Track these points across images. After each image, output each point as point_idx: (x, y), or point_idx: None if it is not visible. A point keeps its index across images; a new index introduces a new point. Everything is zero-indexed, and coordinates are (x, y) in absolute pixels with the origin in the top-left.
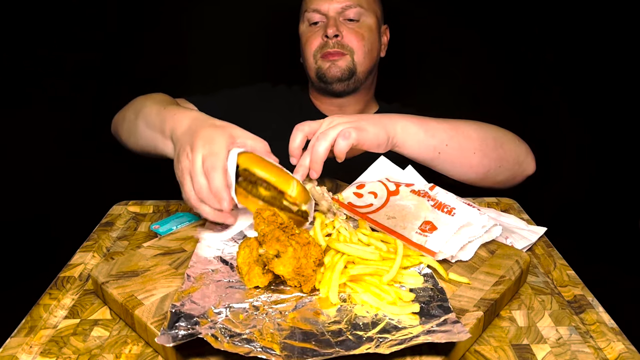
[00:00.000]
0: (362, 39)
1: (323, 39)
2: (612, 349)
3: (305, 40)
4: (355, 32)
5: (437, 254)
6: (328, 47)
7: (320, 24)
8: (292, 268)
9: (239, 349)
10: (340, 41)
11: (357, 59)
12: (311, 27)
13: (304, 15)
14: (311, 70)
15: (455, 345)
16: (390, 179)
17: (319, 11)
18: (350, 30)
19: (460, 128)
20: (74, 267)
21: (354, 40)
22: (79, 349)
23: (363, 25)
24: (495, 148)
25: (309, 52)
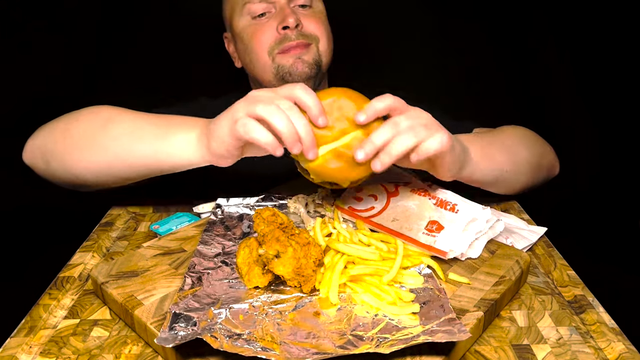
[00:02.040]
0: (321, 24)
1: (279, 32)
2: (613, 349)
3: (249, 36)
4: (312, 18)
5: (448, 253)
6: (288, 39)
7: (268, 15)
8: (292, 268)
9: (239, 349)
10: (301, 30)
11: (322, 47)
12: (256, 21)
13: (244, 9)
14: (267, 71)
15: (456, 345)
16: (387, 179)
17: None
18: (306, 16)
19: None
20: (74, 267)
21: (315, 26)
22: (79, 349)
23: (316, 11)
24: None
25: (260, 50)
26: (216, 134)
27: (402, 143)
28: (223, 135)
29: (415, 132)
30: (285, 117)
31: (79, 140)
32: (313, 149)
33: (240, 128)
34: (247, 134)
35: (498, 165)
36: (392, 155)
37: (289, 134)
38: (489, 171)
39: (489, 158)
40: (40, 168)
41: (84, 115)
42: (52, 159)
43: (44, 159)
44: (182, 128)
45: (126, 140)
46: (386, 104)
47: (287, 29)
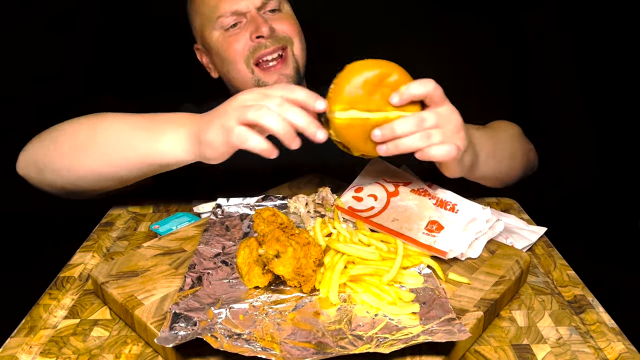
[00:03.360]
0: (293, 25)
1: (253, 41)
2: (612, 349)
3: (224, 47)
4: (285, 20)
5: (448, 253)
6: (263, 47)
7: (240, 25)
8: (292, 268)
9: (239, 349)
10: (275, 35)
11: (297, 50)
12: (228, 33)
13: (216, 22)
14: (246, 82)
15: (455, 345)
16: (387, 180)
17: (238, 12)
18: (277, 20)
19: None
20: (74, 267)
21: (287, 27)
22: (79, 349)
23: (285, 13)
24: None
25: (235, 61)
26: (208, 140)
27: (412, 141)
28: (216, 144)
29: (430, 136)
30: (277, 116)
31: (70, 148)
32: (319, 130)
33: (235, 138)
34: (243, 143)
35: (500, 165)
36: (399, 148)
37: (285, 132)
38: (491, 170)
39: (493, 158)
40: (34, 179)
41: (72, 123)
42: (45, 169)
43: (37, 169)
44: (170, 127)
45: (115, 143)
46: (424, 90)
47: (261, 38)
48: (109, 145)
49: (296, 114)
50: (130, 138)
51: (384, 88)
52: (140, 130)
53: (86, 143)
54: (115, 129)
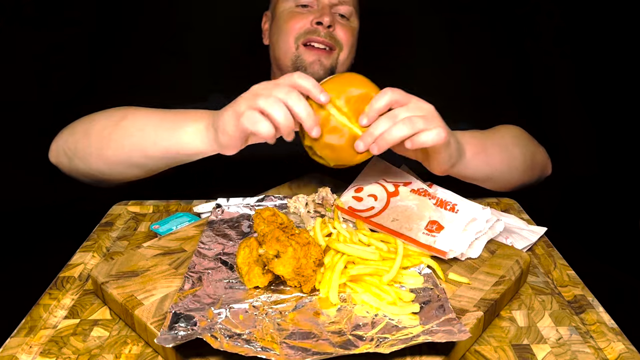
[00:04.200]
0: (351, 35)
1: (312, 25)
2: (612, 349)
3: (286, 18)
4: (347, 28)
5: (448, 253)
6: (317, 34)
7: (310, 8)
8: (292, 268)
9: (239, 349)
10: (332, 32)
11: (342, 56)
12: (298, 9)
13: None
14: (287, 55)
15: (455, 345)
16: (387, 180)
17: None
18: (341, 24)
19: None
20: (74, 267)
21: (345, 35)
22: (79, 349)
23: (351, 24)
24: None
25: (288, 33)
26: (222, 127)
27: (398, 132)
28: (229, 129)
29: (412, 123)
30: (283, 108)
31: (98, 138)
32: (316, 127)
33: (245, 121)
34: (252, 126)
35: (491, 164)
36: (388, 141)
37: (285, 124)
38: (481, 168)
39: (483, 156)
40: (65, 166)
41: (101, 115)
42: (74, 158)
43: (68, 157)
44: (191, 121)
45: (140, 135)
46: (386, 101)
47: (320, 25)
48: (135, 136)
49: (299, 104)
50: (155, 130)
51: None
52: (164, 122)
53: (114, 133)
54: (141, 122)
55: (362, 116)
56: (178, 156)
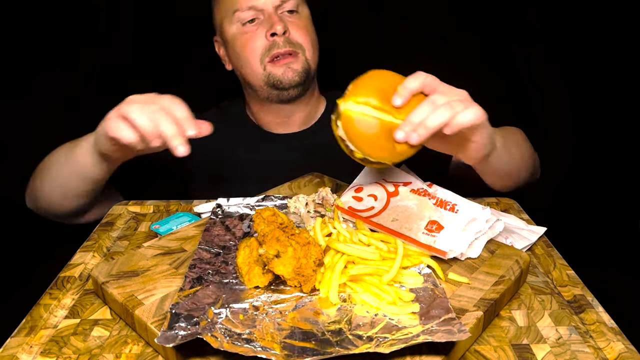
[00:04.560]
0: (307, 33)
1: (268, 39)
2: (612, 349)
3: (242, 44)
4: (299, 26)
5: (448, 253)
6: (277, 47)
7: (257, 21)
8: (292, 268)
9: (239, 349)
10: (289, 38)
11: (309, 55)
12: (245, 28)
13: (233, 16)
14: (257, 77)
15: (455, 344)
16: (387, 180)
17: (255, 7)
18: (293, 24)
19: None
20: (74, 267)
21: (300, 35)
22: (79, 348)
23: (303, 17)
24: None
25: (252, 57)
26: (97, 134)
27: (438, 117)
28: (101, 136)
29: (451, 106)
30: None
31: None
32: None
33: (108, 126)
34: (111, 131)
35: (512, 159)
36: (429, 127)
37: (148, 129)
38: (506, 162)
39: (508, 150)
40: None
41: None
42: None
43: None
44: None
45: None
46: (419, 82)
47: (275, 36)
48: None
49: (166, 122)
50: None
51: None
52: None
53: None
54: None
55: (395, 96)
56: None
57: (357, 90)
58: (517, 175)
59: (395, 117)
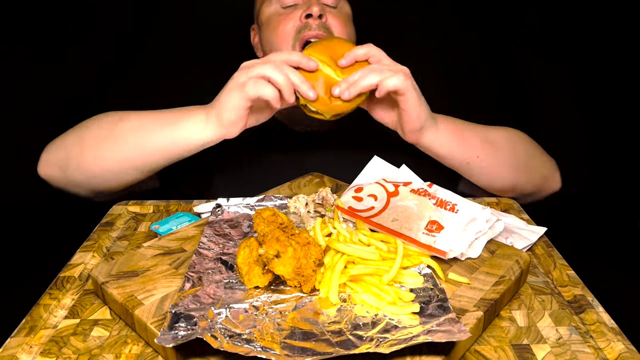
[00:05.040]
0: (345, 25)
1: (301, 21)
2: (612, 349)
3: (275, 25)
4: (338, 17)
5: (448, 253)
6: (308, 28)
7: (297, 6)
8: (292, 268)
9: (239, 349)
10: (324, 22)
11: None
12: (284, 10)
13: None
14: None
15: (455, 345)
16: (387, 180)
17: None
18: (332, 14)
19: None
20: (74, 267)
21: (338, 24)
22: (79, 349)
23: (342, 12)
24: (525, 162)
25: (282, 37)
26: (226, 104)
27: (369, 79)
28: (234, 101)
29: (382, 72)
30: (281, 72)
31: (93, 142)
32: (311, 91)
33: (249, 88)
34: (258, 90)
35: (468, 148)
36: (360, 86)
37: (286, 86)
38: (456, 149)
39: (459, 138)
40: (57, 179)
41: (92, 122)
42: (69, 166)
43: (61, 168)
44: (187, 115)
45: (139, 133)
46: (364, 51)
47: (310, 17)
48: (132, 137)
49: (293, 72)
50: (152, 129)
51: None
52: (160, 120)
53: (110, 136)
54: (137, 123)
55: (341, 60)
56: (179, 151)
57: (313, 47)
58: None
59: (337, 75)
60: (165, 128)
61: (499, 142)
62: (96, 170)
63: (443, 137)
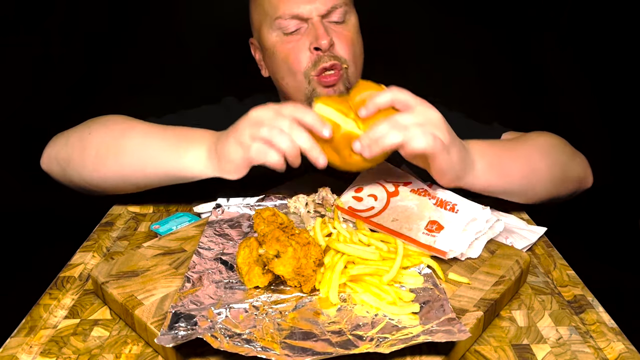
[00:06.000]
0: (352, 45)
1: (312, 52)
2: (612, 349)
3: (285, 55)
4: (345, 38)
5: (448, 253)
6: (322, 62)
7: (300, 30)
8: (292, 268)
9: (239, 349)
10: (333, 52)
11: (351, 71)
12: (288, 38)
13: (274, 23)
14: (298, 91)
15: (455, 345)
16: (387, 180)
17: (299, 16)
18: (339, 35)
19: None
20: (74, 267)
21: (345, 48)
22: (79, 349)
23: (349, 26)
24: (562, 175)
25: (297, 70)
26: (227, 156)
27: (392, 138)
28: (235, 159)
29: (407, 130)
30: (287, 137)
31: (95, 152)
32: (321, 156)
33: (253, 154)
34: (262, 157)
35: (508, 178)
36: (382, 145)
37: (292, 153)
38: (495, 182)
39: (498, 169)
40: (57, 174)
41: (97, 126)
42: (68, 168)
43: (61, 167)
44: (193, 143)
45: (140, 154)
46: (387, 99)
47: (319, 50)
48: (134, 156)
49: (302, 137)
50: (156, 151)
51: None
52: (165, 143)
53: (112, 151)
54: (141, 141)
55: (361, 108)
56: (177, 178)
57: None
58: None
59: (358, 126)
60: (167, 154)
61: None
62: (94, 179)
63: (482, 177)
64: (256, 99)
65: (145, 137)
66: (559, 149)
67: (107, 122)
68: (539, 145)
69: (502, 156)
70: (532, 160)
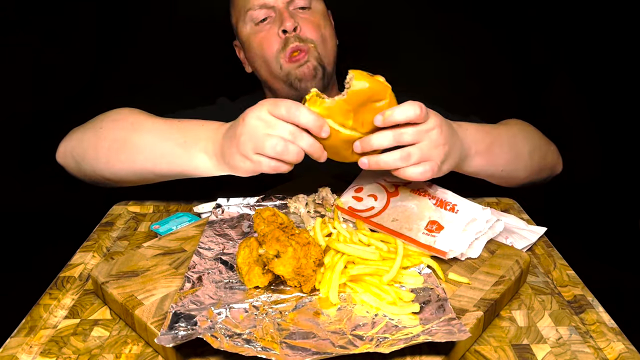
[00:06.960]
0: (317, 27)
1: (280, 37)
2: (612, 349)
3: (257, 43)
4: (310, 22)
5: (448, 253)
6: (289, 43)
7: (269, 19)
8: (292, 268)
9: (239, 349)
10: (299, 34)
11: (321, 50)
12: (259, 27)
13: (246, 15)
14: (276, 78)
15: (455, 345)
16: (387, 180)
17: (266, 5)
18: (303, 20)
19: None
20: (74, 267)
21: (312, 31)
22: (79, 349)
23: (315, 13)
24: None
25: (269, 56)
26: (236, 166)
27: (393, 161)
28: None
29: (407, 156)
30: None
31: (107, 150)
32: (323, 154)
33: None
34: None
35: (496, 163)
36: (380, 165)
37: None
38: (484, 168)
39: (488, 155)
40: (72, 168)
41: (110, 121)
42: (83, 162)
43: (76, 161)
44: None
45: (150, 152)
46: (406, 117)
47: (286, 33)
48: (145, 153)
49: (305, 141)
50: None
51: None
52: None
53: (123, 148)
54: (151, 137)
55: (378, 116)
56: (186, 175)
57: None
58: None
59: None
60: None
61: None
62: (107, 174)
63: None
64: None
65: (153, 132)
66: (537, 137)
67: (116, 117)
68: (522, 133)
69: (493, 143)
70: (517, 147)
